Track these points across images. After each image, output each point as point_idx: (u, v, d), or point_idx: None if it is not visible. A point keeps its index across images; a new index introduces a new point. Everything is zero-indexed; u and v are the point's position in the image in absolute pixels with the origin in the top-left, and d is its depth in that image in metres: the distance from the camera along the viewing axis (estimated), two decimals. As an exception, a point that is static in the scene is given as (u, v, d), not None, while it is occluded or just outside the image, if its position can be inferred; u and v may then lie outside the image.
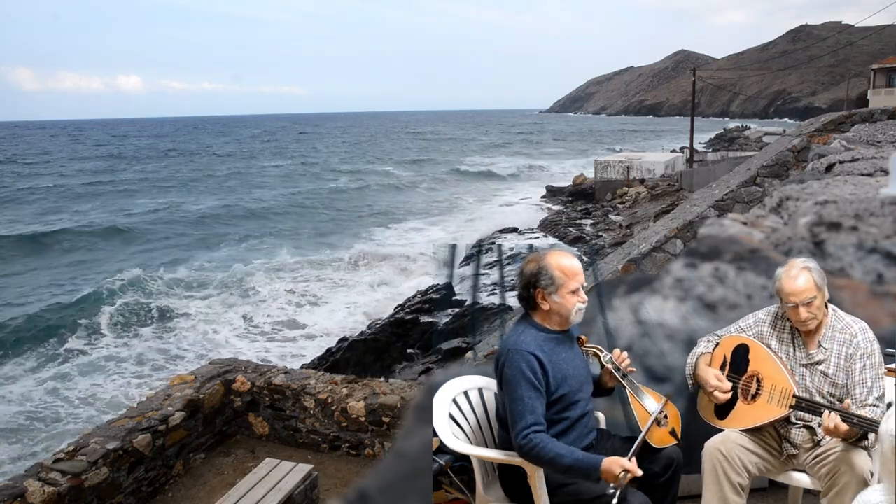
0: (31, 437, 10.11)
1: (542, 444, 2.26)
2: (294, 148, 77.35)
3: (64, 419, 10.79)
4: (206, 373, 5.29)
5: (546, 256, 2.42)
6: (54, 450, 5.19)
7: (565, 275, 2.38)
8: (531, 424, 2.28)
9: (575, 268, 2.40)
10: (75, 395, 11.73)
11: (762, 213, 3.19)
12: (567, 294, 2.38)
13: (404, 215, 31.60)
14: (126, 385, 12.20)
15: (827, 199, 2.87)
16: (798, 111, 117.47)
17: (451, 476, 2.81)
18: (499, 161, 55.66)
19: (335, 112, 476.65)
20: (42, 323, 15.54)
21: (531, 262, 2.42)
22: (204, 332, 15.08)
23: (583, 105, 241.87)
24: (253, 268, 20.63)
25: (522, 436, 2.27)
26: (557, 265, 2.39)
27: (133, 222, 29.18)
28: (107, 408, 10.99)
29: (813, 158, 6.15)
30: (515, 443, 2.30)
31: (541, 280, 2.38)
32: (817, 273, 2.43)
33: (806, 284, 2.40)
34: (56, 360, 13.56)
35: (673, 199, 23.19)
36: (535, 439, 2.26)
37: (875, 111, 11.30)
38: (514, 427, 2.31)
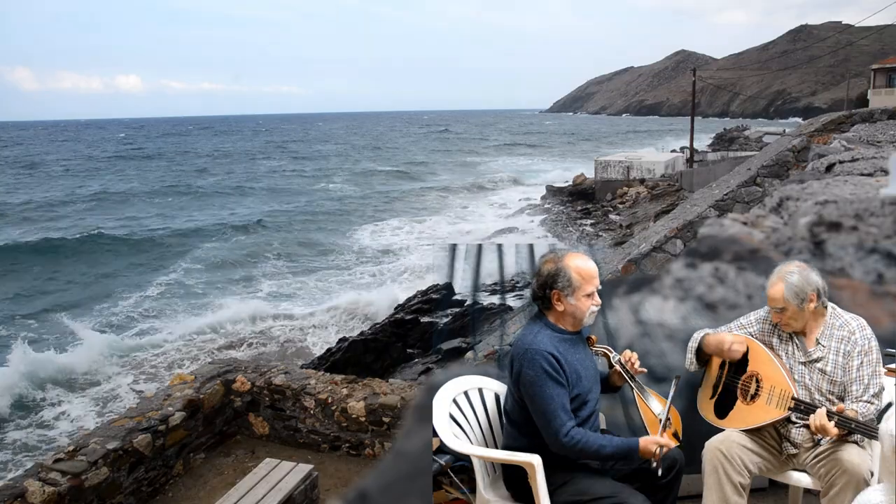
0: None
1: (585, 439, 2.32)
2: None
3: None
4: (207, 373, 5.29)
5: (564, 258, 2.43)
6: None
7: (582, 278, 2.39)
8: (567, 421, 2.33)
9: (592, 271, 2.41)
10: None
11: (762, 213, 3.18)
12: (583, 297, 2.39)
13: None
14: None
15: (827, 199, 2.87)
16: (798, 111, 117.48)
17: (451, 476, 2.81)
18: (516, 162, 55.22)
19: (335, 112, 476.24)
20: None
21: (549, 263, 2.43)
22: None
23: (583, 105, 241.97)
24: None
25: (563, 434, 2.31)
26: (575, 268, 2.39)
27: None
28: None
29: (813, 158, 6.15)
30: (556, 441, 2.32)
31: (558, 281, 2.39)
32: (792, 287, 2.44)
33: (776, 294, 2.49)
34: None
35: (673, 199, 23.18)
36: (577, 436, 2.32)
37: (875, 111, 11.30)
38: (550, 426, 2.32)
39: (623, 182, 29.41)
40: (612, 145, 68.06)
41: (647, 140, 69.72)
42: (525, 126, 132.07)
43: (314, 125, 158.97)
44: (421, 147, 78.12)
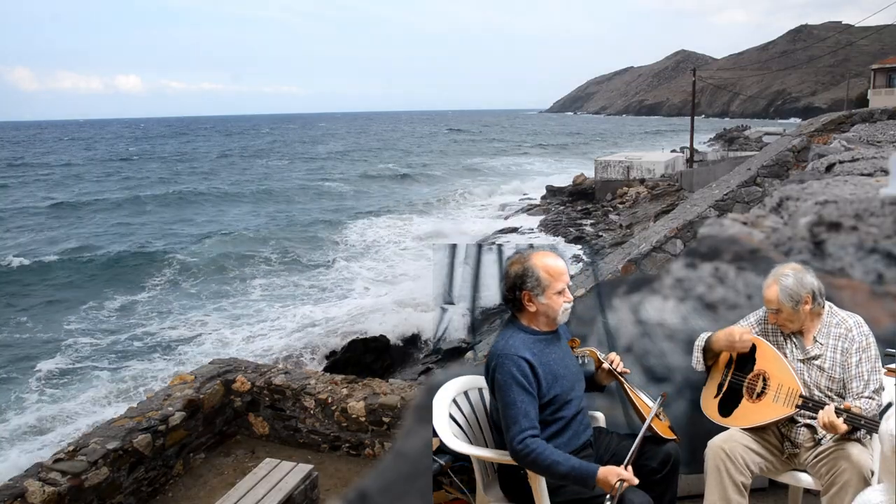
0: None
1: (539, 451, 2.22)
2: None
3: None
4: (206, 373, 5.29)
5: (531, 257, 2.37)
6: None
7: (551, 276, 2.34)
8: (526, 429, 2.25)
9: (560, 268, 2.36)
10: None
11: (762, 213, 3.19)
12: (554, 295, 2.34)
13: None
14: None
15: (827, 199, 2.87)
16: (798, 111, 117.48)
17: (451, 476, 2.81)
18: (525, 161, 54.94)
19: (335, 113, 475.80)
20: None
21: (515, 264, 2.38)
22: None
23: (583, 105, 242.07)
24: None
25: (518, 441, 2.24)
26: (543, 266, 2.34)
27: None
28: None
29: (813, 158, 6.15)
30: (511, 448, 2.27)
31: (527, 282, 2.34)
32: (787, 289, 2.46)
33: (771, 296, 2.51)
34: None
35: (673, 199, 23.18)
36: (531, 445, 2.23)
37: (875, 111, 11.31)
38: (509, 432, 2.28)
39: (623, 182, 29.40)
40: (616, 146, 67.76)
41: (657, 140, 68.72)
42: (525, 126, 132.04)
43: (315, 125, 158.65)
44: (421, 147, 78.14)
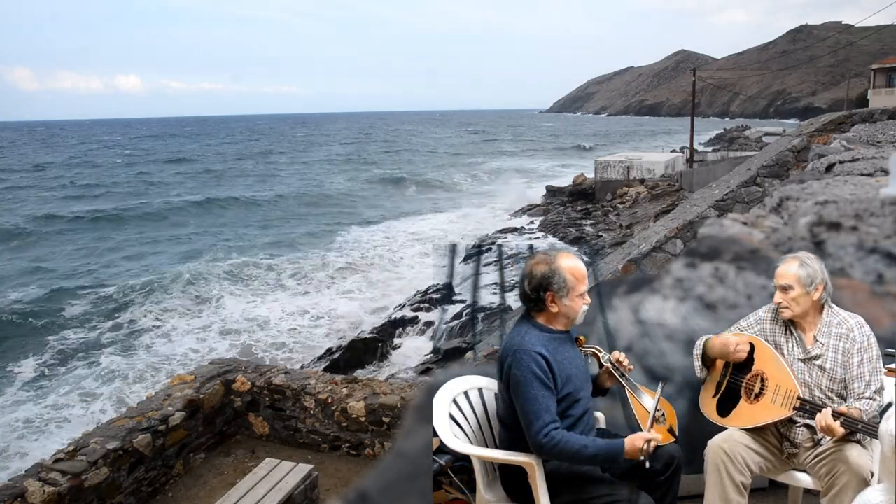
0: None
1: (565, 440, 2.28)
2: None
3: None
4: (206, 373, 5.29)
5: (557, 259, 2.41)
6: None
7: (576, 278, 2.39)
8: (549, 423, 2.29)
9: (583, 271, 2.41)
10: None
11: (762, 213, 3.19)
12: (576, 297, 2.40)
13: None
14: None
15: (827, 199, 2.87)
16: (798, 111, 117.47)
17: (451, 476, 2.81)
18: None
19: (335, 112, 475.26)
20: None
21: (542, 265, 2.40)
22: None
23: (583, 105, 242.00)
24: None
25: (543, 434, 2.28)
26: (569, 268, 2.39)
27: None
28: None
29: (813, 158, 6.15)
30: (535, 442, 2.30)
31: (553, 283, 2.38)
32: (807, 269, 2.46)
33: (788, 271, 2.49)
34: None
35: (673, 199, 23.19)
36: (557, 436, 2.28)
37: (875, 111, 11.33)
38: (532, 427, 2.31)
39: (623, 182, 29.40)
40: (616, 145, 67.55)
41: (668, 140, 68.04)
42: (526, 126, 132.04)
43: (316, 126, 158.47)
44: (423, 147, 78.13)
